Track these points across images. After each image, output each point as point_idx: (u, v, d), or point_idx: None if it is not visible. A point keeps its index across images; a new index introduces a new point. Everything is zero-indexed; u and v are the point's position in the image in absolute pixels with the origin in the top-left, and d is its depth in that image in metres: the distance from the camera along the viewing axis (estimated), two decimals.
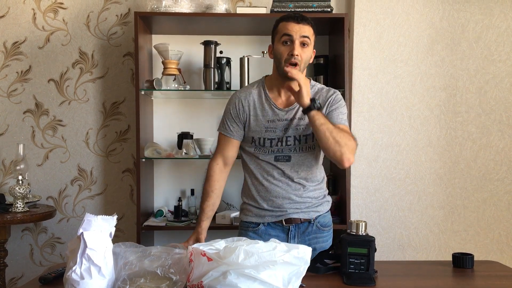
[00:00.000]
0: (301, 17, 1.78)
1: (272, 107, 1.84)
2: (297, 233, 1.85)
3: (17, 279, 2.98)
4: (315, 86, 1.90)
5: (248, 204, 1.91)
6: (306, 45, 1.77)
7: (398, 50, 2.89)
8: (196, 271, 1.25)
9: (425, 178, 2.91)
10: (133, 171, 3.00)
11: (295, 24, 1.75)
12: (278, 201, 1.83)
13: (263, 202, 1.85)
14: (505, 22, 2.89)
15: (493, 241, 2.89)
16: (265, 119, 1.83)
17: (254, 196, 1.87)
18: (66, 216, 3.00)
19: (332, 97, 1.86)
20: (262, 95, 1.87)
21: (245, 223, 1.93)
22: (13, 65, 2.97)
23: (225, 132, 1.89)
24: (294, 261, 1.24)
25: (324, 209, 1.91)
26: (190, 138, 2.80)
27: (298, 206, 1.84)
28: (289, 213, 1.83)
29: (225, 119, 1.90)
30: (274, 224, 1.86)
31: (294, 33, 1.74)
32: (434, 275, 1.61)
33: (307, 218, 1.85)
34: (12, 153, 2.93)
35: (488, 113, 2.90)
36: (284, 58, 1.76)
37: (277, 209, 1.84)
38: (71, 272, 1.23)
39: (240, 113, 1.86)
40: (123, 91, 3.00)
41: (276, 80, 1.86)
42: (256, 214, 1.88)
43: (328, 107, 1.84)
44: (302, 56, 1.76)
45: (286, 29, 1.76)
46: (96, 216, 1.27)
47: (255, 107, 1.85)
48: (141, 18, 2.62)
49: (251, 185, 1.89)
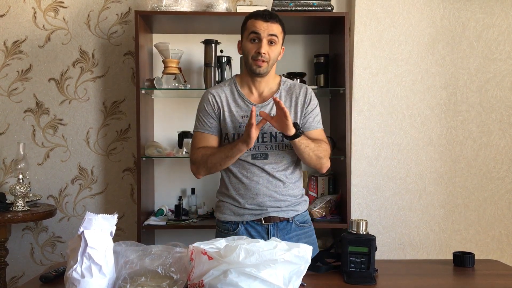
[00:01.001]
0: (269, 15, 1.78)
1: (245, 102, 1.85)
2: (276, 231, 1.83)
3: (18, 278, 2.98)
4: (286, 82, 1.91)
5: (225, 202, 1.87)
6: (273, 43, 1.78)
7: (399, 49, 2.89)
8: (197, 270, 1.25)
9: (425, 177, 2.90)
10: (134, 170, 3.00)
11: (263, 22, 1.76)
12: (259, 198, 1.81)
13: (243, 200, 1.82)
14: (506, 20, 2.89)
15: (493, 240, 2.89)
16: (239, 115, 1.83)
17: (233, 195, 1.84)
18: (66, 215, 3.00)
19: (307, 98, 1.87)
20: (234, 92, 1.87)
21: (223, 223, 1.88)
22: (13, 64, 2.97)
23: (203, 129, 1.85)
24: (295, 260, 1.24)
25: (302, 208, 1.90)
26: (190, 137, 2.79)
27: (279, 204, 1.82)
28: (269, 212, 1.82)
29: (200, 117, 1.87)
30: (253, 223, 1.84)
31: (262, 31, 1.76)
32: (434, 274, 1.61)
33: (286, 217, 1.84)
34: (13, 152, 2.93)
35: (488, 112, 2.90)
36: (251, 55, 1.78)
37: (257, 208, 1.81)
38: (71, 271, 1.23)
39: (215, 107, 1.85)
40: (123, 90, 3.00)
41: (246, 77, 1.87)
42: (235, 212, 1.84)
43: (304, 109, 1.86)
44: (269, 54, 1.78)
45: (254, 27, 1.77)
46: (97, 215, 1.27)
47: (228, 103, 1.85)
48: (142, 17, 2.62)
49: (228, 183, 1.85)
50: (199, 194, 2.94)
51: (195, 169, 1.86)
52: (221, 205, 1.89)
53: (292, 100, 1.86)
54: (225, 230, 1.87)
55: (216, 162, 1.79)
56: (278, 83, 1.89)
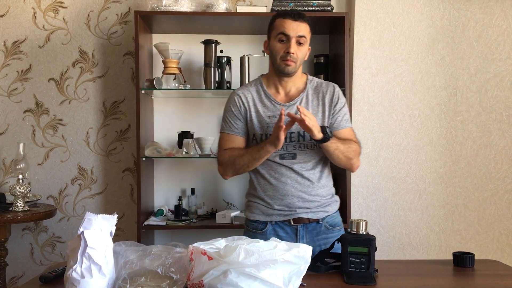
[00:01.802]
0: (298, 14, 1.77)
1: (272, 102, 1.84)
2: (305, 233, 1.83)
3: (18, 278, 2.98)
4: (313, 81, 1.90)
5: (254, 202, 1.87)
6: (302, 44, 1.78)
7: (399, 49, 2.89)
8: (197, 270, 1.25)
9: (425, 177, 2.91)
10: (134, 170, 3.00)
11: (292, 22, 1.75)
12: (287, 199, 1.80)
13: (271, 201, 1.81)
14: (506, 21, 2.89)
15: (493, 240, 2.89)
16: (266, 115, 1.82)
17: (261, 196, 1.84)
18: (66, 215, 3.00)
19: (334, 96, 1.85)
20: (260, 92, 1.87)
21: (251, 222, 1.88)
22: (13, 64, 2.97)
23: (229, 130, 1.85)
24: (295, 260, 1.24)
25: (333, 209, 1.88)
26: (190, 137, 2.80)
27: (308, 205, 1.81)
28: (298, 213, 1.81)
29: (227, 118, 1.87)
30: (282, 223, 1.83)
31: (291, 32, 1.75)
32: (434, 274, 1.61)
33: (315, 218, 1.82)
34: (13, 152, 2.93)
35: (488, 112, 2.90)
36: (280, 55, 1.77)
37: (286, 209, 1.81)
38: (71, 271, 1.23)
39: (241, 109, 1.85)
40: (123, 90, 3.00)
41: (273, 76, 1.86)
42: (264, 212, 1.84)
43: (332, 108, 1.84)
44: (298, 54, 1.77)
45: (282, 27, 1.76)
46: (97, 215, 1.27)
47: (255, 103, 1.84)
48: (142, 17, 2.62)
49: (257, 185, 1.85)
50: (199, 195, 2.94)
51: (222, 170, 1.86)
52: (250, 205, 1.89)
53: (319, 99, 1.85)
54: (253, 229, 1.86)
55: (243, 163, 1.79)
56: (305, 82, 1.88)
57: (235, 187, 2.96)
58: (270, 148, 1.71)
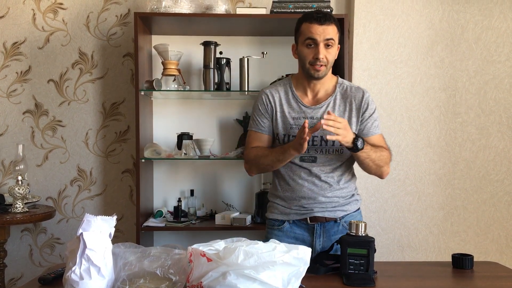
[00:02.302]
0: (324, 17, 1.74)
1: (298, 104, 1.84)
2: (322, 232, 1.83)
3: (17, 279, 2.97)
4: (343, 85, 1.89)
5: (274, 202, 1.91)
6: (330, 46, 1.76)
7: (398, 51, 2.89)
8: (196, 271, 1.25)
9: (424, 179, 2.91)
10: (133, 172, 3.00)
11: (318, 26, 1.73)
12: (303, 201, 1.82)
13: (289, 201, 1.85)
14: (505, 23, 2.90)
15: (492, 242, 2.90)
16: (291, 116, 1.83)
17: (281, 196, 1.88)
18: (65, 216, 2.99)
19: (363, 103, 1.84)
20: (289, 92, 1.87)
21: (270, 220, 1.93)
22: (12, 65, 2.97)
23: (257, 128, 1.88)
24: (294, 262, 1.24)
25: (352, 208, 1.88)
26: (189, 138, 2.79)
27: (324, 206, 1.82)
28: (314, 212, 1.82)
29: (254, 116, 1.89)
30: (299, 222, 1.85)
31: (318, 36, 1.73)
32: (433, 276, 1.61)
33: (333, 217, 1.83)
34: (12, 153, 2.93)
35: (487, 114, 2.91)
36: (309, 60, 1.77)
37: (302, 209, 1.83)
38: (70, 273, 1.23)
39: (268, 107, 1.86)
40: (122, 91, 3.00)
41: (302, 79, 1.86)
42: (282, 211, 1.87)
43: (360, 115, 1.84)
44: (327, 58, 1.77)
45: (309, 32, 1.74)
46: (96, 217, 1.27)
47: (282, 103, 1.85)
48: (141, 19, 2.62)
49: (278, 185, 1.89)
50: (198, 196, 2.94)
51: (248, 167, 1.91)
52: (270, 205, 1.95)
53: (347, 104, 1.84)
54: (271, 225, 1.91)
55: (267, 164, 1.82)
56: (334, 85, 1.87)
57: (235, 188, 2.96)
58: (293, 152, 1.73)
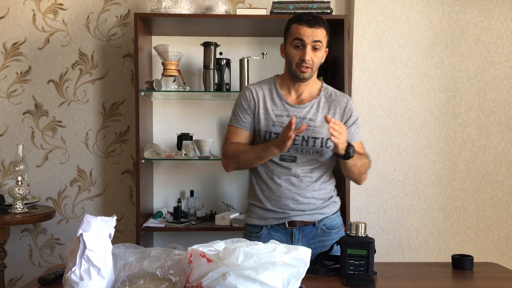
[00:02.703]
0: (314, 20, 1.75)
1: (282, 102, 1.84)
2: (301, 236, 1.82)
3: (16, 280, 2.97)
4: (328, 89, 1.91)
5: (252, 204, 1.89)
6: (318, 49, 1.77)
7: (398, 51, 2.89)
8: (196, 272, 1.25)
9: (424, 180, 2.91)
10: (133, 172, 3.00)
11: (307, 28, 1.74)
12: (281, 201, 1.80)
13: (267, 202, 1.83)
14: (505, 24, 2.90)
15: (492, 242, 2.90)
16: (274, 113, 1.82)
17: (258, 195, 1.85)
18: (65, 217, 2.99)
19: (347, 109, 1.87)
20: (273, 90, 1.87)
21: (248, 226, 1.91)
22: (12, 66, 2.97)
23: (237, 123, 1.86)
24: (294, 263, 1.24)
25: (330, 211, 1.87)
26: (189, 139, 2.80)
27: (302, 207, 1.81)
28: (292, 216, 1.81)
29: (236, 111, 1.88)
30: (277, 227, 1.83)
31: (306, 38, 1.74)
32: (433, 277, 1.61)
33: (311, 220, 1.82)
34: (12, 154, 2.93)
35: (487, 115, 2.91)
36: (296, 62, 1.78)
37: (279, 210, 1.81)
38: (70, 273, 1.23)
39: (251, 103, 1.85)
40: (122, 92, 3.00)
41: (287, 79, 1.87)
42: (259, 216, 1.85)
43: (346, 120, 1.86)
44: (313, 60, 1.78)
45: (298, 33, 1.75)
46: (96, 217, 1.26)
47: (265, 100, 1.85)
48: (141, 19, 2.62)
49: (255, 184, 1.87)
50: (198, 196, 2.94)
51: (226, 162, 1.87)
52: (249, 209, 1.92)
53: (331, 109, 1.85)
54: (249, 232, 1.89)
55: (247, 160, 1.80)
56: (319, 89, 1.89)
57: (235, 189, 2.96)
58: (275, 150, 1.72)
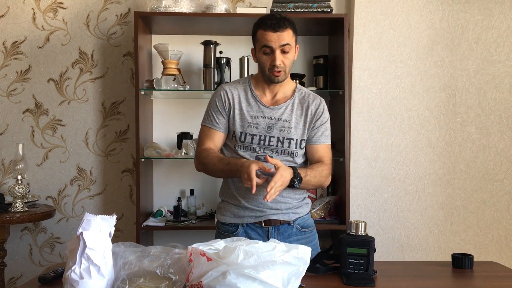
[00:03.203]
0: (277, 23, 1.73)
1: (257, 103, 1.84)
2: (276, 235, 1.82)
3: (16, 278, 2.98)
4: (302, 91, 1.91)
5: (226, 202, 1.87)
6: (287, 51, 1.77)
7: (398, 50, 2.89)
8: (196, 271, 1.25)
9: (424, 179, 2.91)
10: (133, 171, 3.00)
11: (273, 34, 1.73)
12: (259, 199, 1.79)
13: (243, 200, 1.81)
14: (505, 23, 2.90)
15: (492, 241, 2.90)
16: (249, 114, 1.82)
17: (234, 193, 1.83)
18: (65, 216, 2.99)
19: (318, 111, 1.86)
20: (248, 92, 1.87)
21: (223, 225, 1.87)
22: (12, 64, 2.97)
23: (211, 124, 1.85)
24: (294, 261, 1.24)
25: (304, 211, 1.89)
26: (189, 138, 2.80)
27: (278, 206, 1.81)
28: (268, 214, 1.81)
29: (210, 111, 1.87)
30: (253, 225, 1.83)
31: (273, 43, 1.73)
32: (433, 276, 1.61)
33: (287, 219, 1.83)
34: (12, 152, 2.93)
35: (487, 114, 2.91)
36: (267, 67, 1.78)
37: (256, 208, 1.80)
38: (70, 272, 1.23)
39: (225, 104, 1.84)
40: (122, 91, 3.00)
41: (261, 81, 1.87)
42: (235, 214, 1.84)
43: (312, 122, 1.86)
44: (285, 63, 1.77)
45: (265, 39, 1.74)
46: (96, 216, 1.26)
47: (240, 101, 1.84)
48: (141, 18, 2.62)
49: (230, 182, 1.85)
50: (198, 195, 2.94)
51: (196, 164, 1.88)
52: (222, 206, 1.90)
53: (303, 110, 1.86)
54: (225, 231, 1.86)
55: (214, 171, 1.82)
56: (293, 90, 1.89)
57: None
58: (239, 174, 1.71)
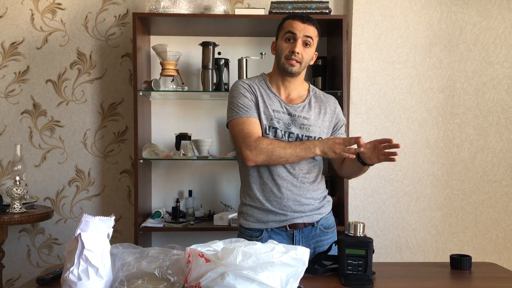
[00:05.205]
0: (307, 17, 1.80)
1: (277, 98, 1.84)
2: (301, 238, 1.82)
3: (14, 280, 2.97)
4: (315, 90, 1.94)
5: (249, 205, 1.82)
6: (308, 45, 1.80)
7: (396, 51, 2.90)
8: (194, 272, 1.24)
9: (423, 180, 2.91)
10: (131, 172, 2.99)
11: (300, 23, 1.78)
12: (283, 202, 1.77)
13: (267, 202, 1.78)
14: (503, 24, 2.90)
15: (490, 242, 2.90)
16: (271, 108, 1.81)
17: (257, 196, 1.80)
18: (63, 217, 2.99)
19: (337, 110, 1.91)
20: (265, 86, 1.86)
21: (247, 230, 1.84)
22: (11, 65, 2.97)
23: (245, 114, 1.76)
24: (292, 262, 1.24)
25: (326, 210, 1.88)
26: (188, 139, 2.79)
27: (303, 209, 1.80)
28: (293, 218, 1.79)
29: (239, 103, 1.78)
30: (278, 230, 1.81)
31: (298, 32, 1.77)
32: (431, 277, 1.61)
33: (311, 221, 1.82)
34: (10, 153, 2.92)
35: (485, 115, 2.91)
36: (285, 54, 1.79)
37: (281, 212, 1.78)
38: (68, 273, 1.23)
39: (252, 95, 1.81)
40: (121, 92, 3.00)
41: (276, 76, 1.87)
42: (259, 219, 1.80)
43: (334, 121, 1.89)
44: (303, 55, 1.79)
45: (291, 26, 1.78)
46: (94, 217, 1.26)
47: (262, 94, 1.83)
48: (139, 19, 2.62)
49: (252, 183, 1.81)
50: (197, 196, 2.94)
51: (253, 155, 1.70)
52: (244, 211, 1.85)
53: (321, 108, 1.87)
54: (249, 236, 1.83)
55: (283, 156, 1.70)
56: (307, 89, 1.91)
57: (233, 189, 2.96)
58: (319, 152, 1.69)
